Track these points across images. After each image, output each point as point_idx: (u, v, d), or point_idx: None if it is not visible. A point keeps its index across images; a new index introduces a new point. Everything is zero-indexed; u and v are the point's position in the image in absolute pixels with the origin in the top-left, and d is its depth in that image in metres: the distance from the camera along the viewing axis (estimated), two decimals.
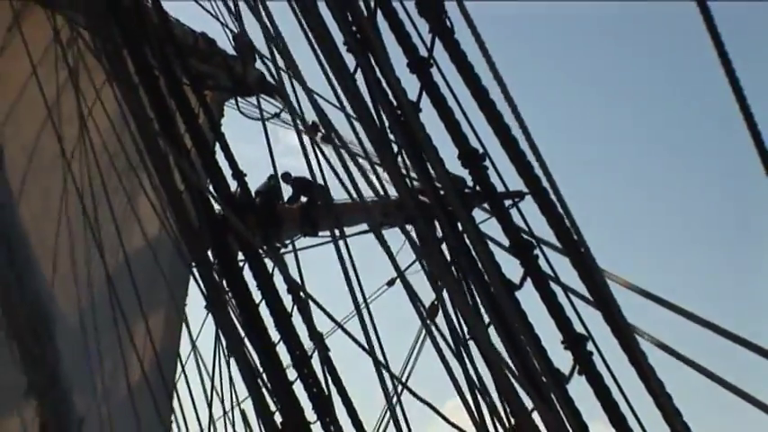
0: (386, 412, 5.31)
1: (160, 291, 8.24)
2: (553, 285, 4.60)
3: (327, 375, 4.70)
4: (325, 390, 4.59)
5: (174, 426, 7.87)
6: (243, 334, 4.76)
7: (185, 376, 8.00)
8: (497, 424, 4.61)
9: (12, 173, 4.22)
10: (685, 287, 29.23)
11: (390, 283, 5.87)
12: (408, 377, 7.85)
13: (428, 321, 4.80)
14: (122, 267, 7.32)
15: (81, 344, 7.76)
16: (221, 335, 5.75)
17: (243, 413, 6.69)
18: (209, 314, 6.29)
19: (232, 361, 7.12)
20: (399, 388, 5.10)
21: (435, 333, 4.70)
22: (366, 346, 4.85)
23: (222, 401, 7.80)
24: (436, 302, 4.84)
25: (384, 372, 5.10)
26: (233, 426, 7.66)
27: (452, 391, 4.72)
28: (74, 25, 6.29)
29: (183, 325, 8.50)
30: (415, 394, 4.84)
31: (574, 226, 4.08)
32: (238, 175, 4.81)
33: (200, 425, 7.70)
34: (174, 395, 7.85)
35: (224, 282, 5.03)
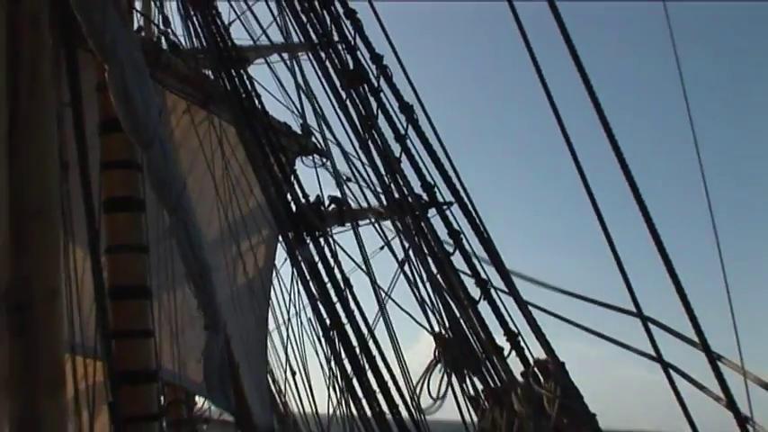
0: (379, 315, 5.28)
1: (262, 258, 8.61)
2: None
3: (351, 298, 4.74)
4: (351, 306, 4.64)
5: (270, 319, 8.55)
6: (309, 278, 4.74)
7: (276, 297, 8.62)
8: (439, 325, 4.63)
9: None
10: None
11: (382, 247, 5.75)
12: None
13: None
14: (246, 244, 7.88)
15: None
16: (296, 278, 5.83)
17: (309, 320, 6.99)
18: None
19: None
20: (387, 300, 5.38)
21: (408, 274, 4.90)
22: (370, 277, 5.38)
23: (297, 312, 8.13)
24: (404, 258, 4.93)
25: (380, 291, 5.40)
26: (301, 325, 7.99)
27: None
28: (221, 119, 6.66)
29: (274, 271, 8.88)
30: (396, 303, 5.21)
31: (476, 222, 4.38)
32: (305, 196, 5.02)
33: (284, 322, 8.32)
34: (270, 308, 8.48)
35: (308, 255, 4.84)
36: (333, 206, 6.73)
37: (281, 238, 6.99)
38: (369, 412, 4.28)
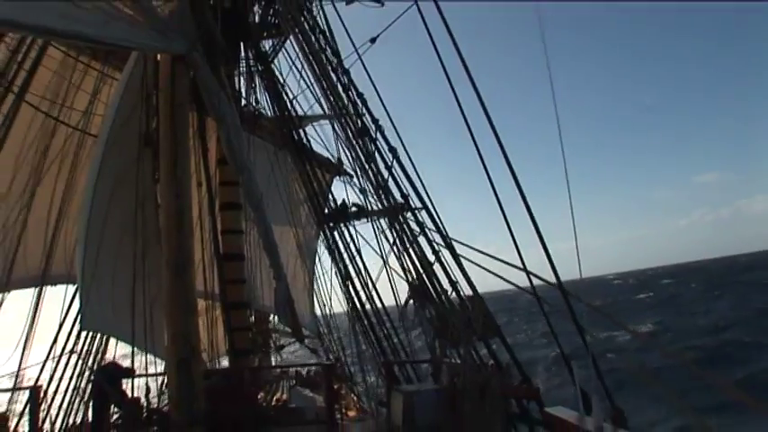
0: (381, 270, 5.09)
1: (312, 238, 8.58)
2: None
3: (363, 265, 4.80)
4: (363, 271, 4.76)
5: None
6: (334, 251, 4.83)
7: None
8: (412, 277, 4.41)
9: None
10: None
11: (382, 231, 5.31)
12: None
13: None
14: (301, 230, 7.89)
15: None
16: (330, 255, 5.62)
17: (336, 273, 6.69)
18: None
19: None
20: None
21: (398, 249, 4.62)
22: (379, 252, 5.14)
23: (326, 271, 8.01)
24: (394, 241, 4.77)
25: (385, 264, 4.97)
26: (331, 280, 7.76)
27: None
28: (280, 151, 6.61)
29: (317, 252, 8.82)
30: (390, 266, 4.96)
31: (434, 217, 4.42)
32: (335, 201, 5.17)
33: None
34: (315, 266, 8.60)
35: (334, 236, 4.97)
36: (354, 208, 6.80)
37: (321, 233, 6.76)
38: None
